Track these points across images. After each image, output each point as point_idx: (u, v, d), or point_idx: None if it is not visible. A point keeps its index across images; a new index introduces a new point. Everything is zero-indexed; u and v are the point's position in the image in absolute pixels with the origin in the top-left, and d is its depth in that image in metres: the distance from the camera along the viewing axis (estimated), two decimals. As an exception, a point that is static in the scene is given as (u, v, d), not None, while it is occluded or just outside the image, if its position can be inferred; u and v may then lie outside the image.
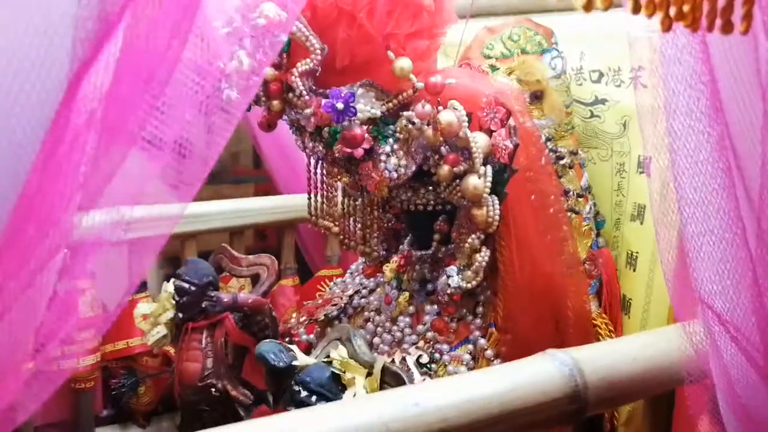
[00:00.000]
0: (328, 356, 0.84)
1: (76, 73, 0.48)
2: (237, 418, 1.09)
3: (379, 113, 0.87)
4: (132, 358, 1.31)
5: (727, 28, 0.43)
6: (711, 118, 0.50)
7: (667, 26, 0.42)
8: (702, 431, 0.78)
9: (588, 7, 0.40)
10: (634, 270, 1.06)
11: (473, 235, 0.90)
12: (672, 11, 0.43)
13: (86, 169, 0.54)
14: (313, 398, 0.77)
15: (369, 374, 0.81)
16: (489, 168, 0.87)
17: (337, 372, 0.80)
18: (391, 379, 0.79)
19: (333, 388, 0.79)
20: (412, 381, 0.79)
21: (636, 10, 0.41)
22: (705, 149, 0.51)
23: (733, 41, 0.45)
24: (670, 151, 0.54)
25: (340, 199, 1.07)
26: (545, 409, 0.59)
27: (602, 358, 0.65)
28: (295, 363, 0.82)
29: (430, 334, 0.98)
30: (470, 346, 0.96)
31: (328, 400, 0.77)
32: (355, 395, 0.76)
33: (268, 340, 0.88)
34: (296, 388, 0.79)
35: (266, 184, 1.93)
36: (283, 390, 0.83)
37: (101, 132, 0.56)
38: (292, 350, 0.84)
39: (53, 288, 0.56)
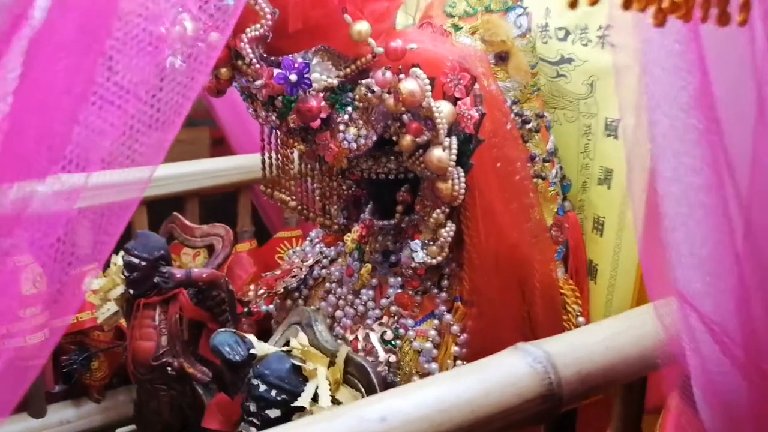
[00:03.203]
0: (288, 343, 0.80)
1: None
2: (195, 396, 1.06)
3: (336, 82, 0.81)
4: (83, 332, 1.25)
5: (723, 19, 0.39)
6: (699, 111, 0.46)
7: (660, 20, 0.37)
8: (671, 407, 0.77)
9: (573, 4, 0.35)
10: (601, 235, 1.04)
11: (438, 210, 0.86)
12: (665, 3, 0.38)
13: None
14: (273, 392, 0.73)
15: (332, 363, 0.78)
16: (454, 139, 0.83)
17: (297, 363, 0.76)
18: (355, 370, 0.75)
19: (293, 380, 0.75)
20: (377, 372, 0.75)
21: (627, 5, 0.36)
22: (691, 143, 0.47)
23: (728, 32, 0.41)
24: (652, 142, 0.50)
25: (296, 163, 1.01)
26: (519, 410, 0.57)
27: (575, 351, 0.62)
28: (252, 352, 0.78)
29: (394, 308, 0.95)
30: (435, 321, 0.93)
31: (288, 394, 0.73)
32: (317, 388, 0.73)
33: (222, 330, 0.83)
34: (254, 381, 0.75)
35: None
36: (242, 379, 0.79)
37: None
38: (248, 339, 0.80)
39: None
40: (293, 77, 0.77)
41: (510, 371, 0.58)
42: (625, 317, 0.69)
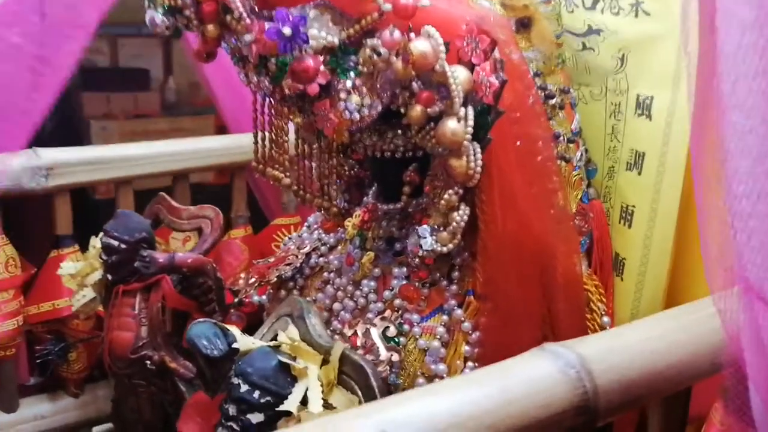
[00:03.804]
0: (275, 337, 0.70)
1: None
2: (178, 394, 0.96)
3: (337, 41, 0.71)
4: (60, 321, 1.15)
5: None
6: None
7: None
8: (715, 421, 0.67)
9: None
10: (630, 226, 0.93)
11: (450, 190, 0.76)
12: None
13: None
14: (256, 394, 0.63)
15: (325, 361, 0.68)
16: (470, 109, 0.72)
17: (285, 360, 0.66)
18: (351, 370, 0.65)
19: (280, 380, 0.65)
20: (377, 373, 0.65)
21: None
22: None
23: None
24: (723, 118, 0.40)
25: (293, 140, 0.91)
26: (547, 425, 0.47)
27: (614, 354, 0.52)
28: (234, 346, 0.68)
29: (398, 302, 0.85)
30: (444, 317, 0.83)
31: (273, 395, 0.63)
32: (307, 390, 0.63)
33: (201, 320, 0.73)
34: (235, 380, 0.65)
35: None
36: (224, 377, 0.69)
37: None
38: (230, 332, 0.70)
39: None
40: (287, 30, 0.67)
41: (537, 377, 0.48)
42: (672, 314, 0.59)
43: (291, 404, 0.64)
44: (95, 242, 1.04)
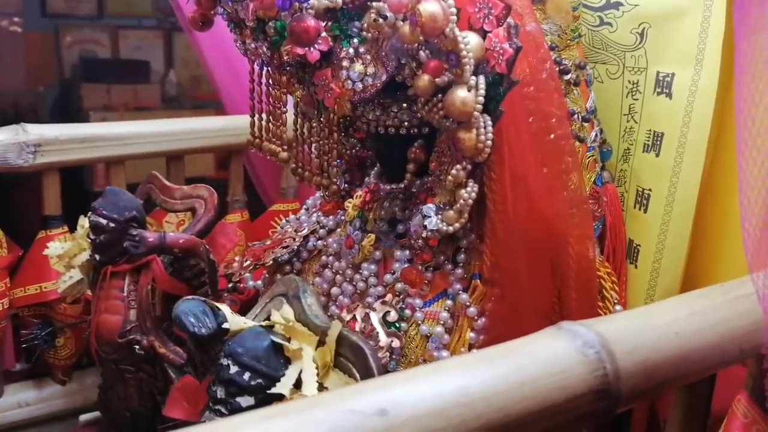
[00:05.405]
0: (269, 318, 0.65)
1: None
2: (167, 381, 0.91)
3: (340, 2, 0.67)
4: (47, 304, 1.11)
5: None
6: None
7: None
8: (738, 413, 0.62)
9: None
10: (645, 211, 0.88)
11: (458, 166, 0.71)
12: None
13: None
14: (246, 375, 0.59)
15: (322, 343, 0.63)
16: (481, 78, 0.68)
17: (278, 341, 0.62)
18: (349, 351, 0.61)
19: (273, 362, 0.60)
20: (377, 356, 0.61)
21: None
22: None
23: None
24: None
25: (291, 118, 0.86)
26: (564, 410, 0.42)
27: (636, 335, 0.47)
28: (225, 326, 0.63)
29: (399, 286, 0.81)
30: (449, 302, 0.79)
31: (265, 378, 0.59)
32: (301, 372, 0.58)
33: (189, 297, 0.68)
34: (225, 362, 0.60)
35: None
36: (212, 359, 0.65)
37: None
38: (219, 310, 0.65)
39: None
40: (286, -16, 0.62)
41: (553, 357, 0.43)
42: (700, 294, 0.54)
43: (283, 387, 0.59)
44: (84, 221, 0.99)
